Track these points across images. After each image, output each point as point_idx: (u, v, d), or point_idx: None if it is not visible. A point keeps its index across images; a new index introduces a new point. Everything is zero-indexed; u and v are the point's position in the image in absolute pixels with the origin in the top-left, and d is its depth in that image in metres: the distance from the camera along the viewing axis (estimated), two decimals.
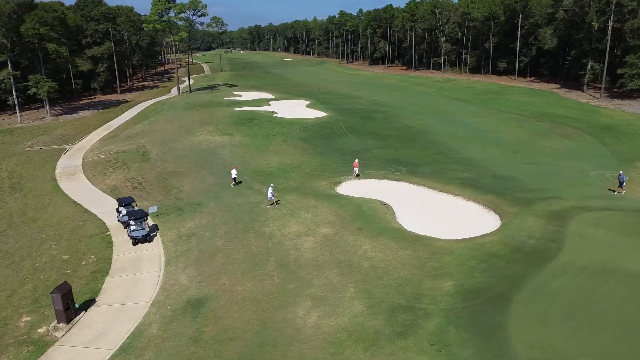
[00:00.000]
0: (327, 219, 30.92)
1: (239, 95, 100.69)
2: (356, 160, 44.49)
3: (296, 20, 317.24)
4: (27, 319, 23.29)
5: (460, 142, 59.60)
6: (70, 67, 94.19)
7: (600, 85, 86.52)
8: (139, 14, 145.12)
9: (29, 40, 78.71)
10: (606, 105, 78.11)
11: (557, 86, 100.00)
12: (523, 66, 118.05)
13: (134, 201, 35.02)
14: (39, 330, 22.30)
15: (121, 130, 71.05)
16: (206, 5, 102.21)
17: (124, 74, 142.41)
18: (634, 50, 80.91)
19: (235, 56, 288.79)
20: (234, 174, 41.00)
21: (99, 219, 35.61)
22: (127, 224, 31.61)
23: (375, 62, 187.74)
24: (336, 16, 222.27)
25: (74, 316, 22.87)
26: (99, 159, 53.93)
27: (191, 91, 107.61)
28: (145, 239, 30.86)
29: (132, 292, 25.11)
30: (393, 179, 42.95)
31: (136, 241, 30.63)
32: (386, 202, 36.11)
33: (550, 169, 47.05)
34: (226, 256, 27.41)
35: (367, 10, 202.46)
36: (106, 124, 76.79)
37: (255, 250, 27.60)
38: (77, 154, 58.05)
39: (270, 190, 34.06)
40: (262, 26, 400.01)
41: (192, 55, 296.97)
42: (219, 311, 22.49)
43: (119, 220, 34.06)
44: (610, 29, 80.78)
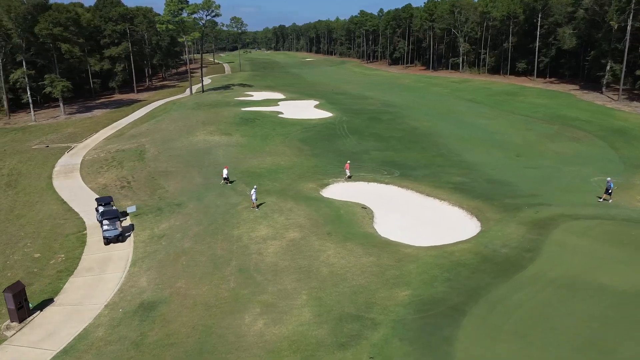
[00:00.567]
0: (299, 222, 30.35)
1: (250, 95, 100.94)
2: (348, 162, 43.80)
3: (319, 20, 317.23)
4: None
5: (464, 145, 58.08)
6: (89, 67, 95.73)
7: (620, 87, 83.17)
8: (159, 14, 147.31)
9: (43, 40, 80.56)
10: (623, 107, 74.97)
11: (576, 87, 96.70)
12: (543, 67, 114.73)
13: (112, 200, 35.14)
14: None
15: (127, 129, 71.99)
16: (219, 6, 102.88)
17: (142, 73, 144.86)
18: None
19: (258, 56, 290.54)
20: (225, 173, 40.97)
21: (80, 217, 35.92)
22: (101, 224, 31.73)
23: (395, 62, 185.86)
24: (357, 16, 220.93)
25: (27, 315, 22.94)
26: (98, 157, 54.66)
27: (204, 91, 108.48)
28: (118, 239, 30.89)
29: (91, 293, 25.08)
30: (382, 182, 42.06)
31: (108, 241, 30.69)
32: (367, 206, 35.31)
33: (551, 174, 45.28)
34: (190, 259, 27.14)
35: (387, 10, 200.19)
36: (115, 123, 77.94)
37: (219, 254, 27.25)
38: (80, 152, 58.99)
39: (253, 192, 33.61)
40: (286, 26, 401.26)
41: (215, 55, 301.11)
42: (168, 315, 22.20)
43: (98, 220, 34.26)
44: (629, 28, 77.51)
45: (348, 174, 42.78)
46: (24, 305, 22.73)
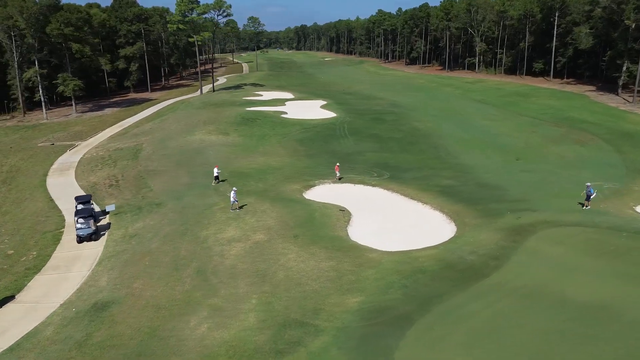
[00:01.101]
0: (268, 224, 30.05)
1: (259, 95, 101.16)
2: (337, 164, 43.30)
3: (339, 19, 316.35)
4: None
5: (463, 147, 56.92)
6: (105, 66, 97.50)
7: (635, 88, 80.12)
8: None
9: (54, 40, 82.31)
10: (637, 110, 72.22)
11: (593, 88, 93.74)
12: (560, 67, 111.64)
13: (90, 198, 35.47)
14: None
15: (132, 128, 72.96)
16: (230, 6, 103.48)
17: (159, 73, 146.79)
18: None
19: (278, 56, 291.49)
20: (215, 172, 41.05)
21: (62, 215, 36.40)
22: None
23: (413, 62, 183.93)
24: (376, 15, 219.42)
25: None
26: (96, 155, 55.47)
27: (214, 90, 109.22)
28: (91, 237, 31.14)
29: (51, 291, 25.29)
30: (369, 184, 41.46)
31: (81, 239, 30.96)
32: (345, 208, 34.77)
33: (545, 178, 43.87)
34: (153, 259, 27.13)
35: (405, 9, 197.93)
36: (121, 122, 79.12)
37: (182, 255, 27.16)
38: (81, 151, 59.99)
39: (232, 194, 33.26)
40: (308, 26, 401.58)
41: (236, 54, 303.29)
42: (118, 316, 22.16)
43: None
44: None
45: (338, 175, 42.33)
46: None
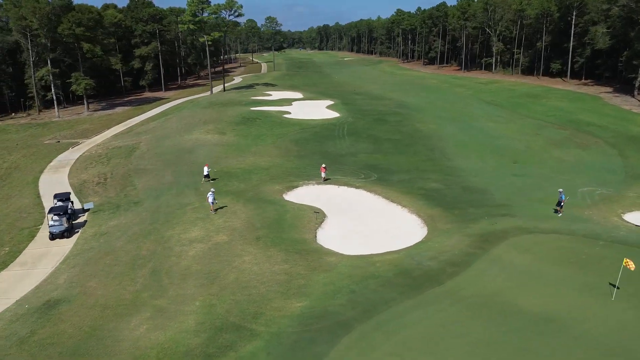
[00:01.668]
0: (234, 225, 29.94)
1: (268, 95, 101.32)
2: (323, 165, 42.93)
3: (361, 19, 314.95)
4: None
5: (461, 149, 55.79)
6: (115, 65, 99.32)
7: None
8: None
9: (66, 40, 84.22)
10: None
11: (610, 90, 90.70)
12: (577, 67, 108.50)
13: (68, 196, 36.00)
14: None
15: (137, 126, 74.03)
16: (241, 6, 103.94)
17: (175, 72, 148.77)
18: None
19: (299, 55, 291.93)
20: (205, 171, 41.27)
21: (43, 212, 37.05)
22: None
23: (431, 61, 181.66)
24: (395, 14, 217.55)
25: None
26: (94, 153, 56.44)
27: (225, 90, 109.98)
28: (63, 234, 31.61)
29: (12, 287, 25.75)
30: (353, 186, 40.91)
31: (53, 236, 31.48)
32: (320, 210, 34.39)
33: (536, 183, 42.60)
34: (114, 258, 27.33)
35: (425, 8, 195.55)
36: (128, 120, 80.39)
37: (142, 254, 27.28)
38: (82, 148, 61.17)
39: (210, 195, 32.74)
40: (330, 26, 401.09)
41: (257, 54, 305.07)
42: (65, 314, 22.37)
43: None
44: None
45: (324, 176, 41.94)
46: None
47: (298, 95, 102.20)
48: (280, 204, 35.21)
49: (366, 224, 32.95)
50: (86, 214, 35.90)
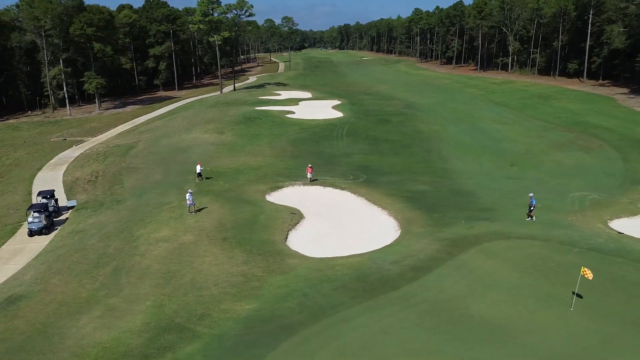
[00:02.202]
0: (204, 225, 29.97)
1: (277, 95, 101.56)
2: (309, 165, 42.71)
3: (381, 18, 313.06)
4: None
5: (459, 151, 54.87)
6: (125, 65, 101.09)
7: None
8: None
9: (77, 40, 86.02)
10: None
11: (626, 91, 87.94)
12: (595, 68, 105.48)
13: (51, 193, 36.60)
14: None
15: (142, 125, 75.09)
16: (252, 6, 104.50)
17: (190, 71, 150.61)
18: None
19: (317, 55, 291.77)
20: (198, 169, 41.58)
21: None
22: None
23: (449, 61, 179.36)
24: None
25: None
26: (94, 151, 57.43)
27: (235, 90, 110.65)
28: (42, 231, 32.19)
29: None
30: (339, 188, 40.57)
31: (32, 233, 32.09)
32: (297, 211, 34.23)
33: (528, 186, 41.25)
34: (82, 256, 27.66)
35: (442, 7, 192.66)
36: (136, 119, 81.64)
37: (109, 252, 27.53)
38: (85, 146, 62.36)
39: (188, 196, 32.29)
40: (351, 25, 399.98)
41: (277, 54, 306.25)
42: (22, 310, 22.71)
43: None
44: None
45: (309, 177, 41.72)
46: None
47: (307, 95, 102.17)
48: (258, 204, 35.12)
49: (341, 226, 32.62)
50: (69, 211, 36.48)
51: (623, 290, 22.40)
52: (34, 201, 39.68)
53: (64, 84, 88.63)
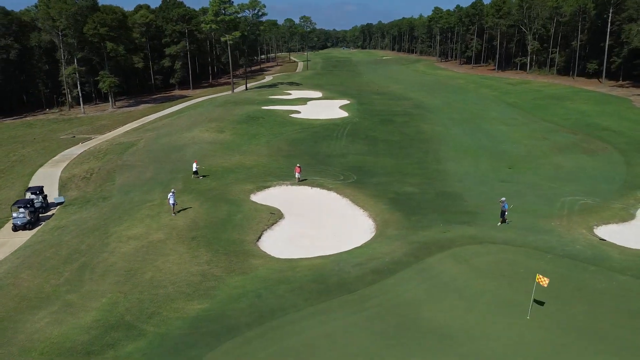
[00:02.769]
0: (177, 224, 30.18)
1: (288, 94, 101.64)
2: (298, 165, 42.61)
3: (403, 17, 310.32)
4: None
5: (458, 153, 53.89)
6: (138, 64, 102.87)
7: None
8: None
9: (91, 39, 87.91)
10: None
11: None
12: (614, 68, 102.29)
13: (39, 189, 37.40)
14: None
15: (150, 123, 76.19)
16: (264, 5, 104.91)
17: (207, 71, 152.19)
18: None
19: (337, 54, 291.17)
20: (194, 167, 42.03)
21: None
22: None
23: (468, 61, 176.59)
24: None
25: None
26: (97, 149, 58.55)
27: (247, 89, 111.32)
28: (25, 226, 32.97)
29: None
30: (326, 188, 40.32)
31: (16, 228, 32.93)
32: (277, 211, 34.22)
33: (520, 190, 40.48)
34: (55, 251, 28.21)
35: (462, 6, 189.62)
36: (146, 117, 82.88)
37: (81, 249, 28.00)
38: (91, 144, 63.64)
39: (170, 196, 31.94)
40: (373, 24, 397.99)
41: (297, 53, 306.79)
42: None
43: None
44: None
45: (298, 177, 41.62)
46: None
47: (318, 94, 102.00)
48: (239, 204, 35.18)
49: (318, 227, 32.43)
50: (57, 207, 37.27)
51: (587, 299, 21.62)
52: (27, 197, 40.67)
53: (77, 82, 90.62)
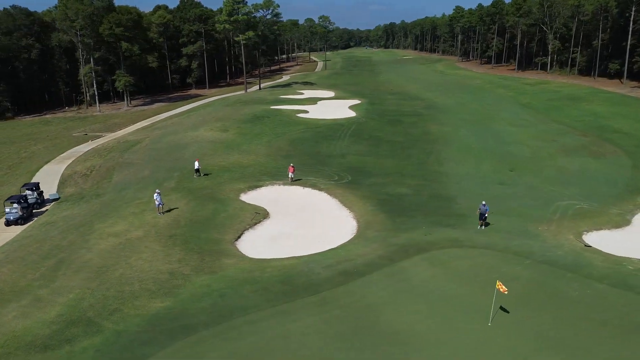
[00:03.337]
0: (158, 222, 30.43)
1: (300, 94, 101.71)
2: (291, 164, 42.51)
3: (426, 17, 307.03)
4: None
5: (461, 154, 52.89)
6: (152, 64, 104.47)
7: None
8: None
9: (107, 39, 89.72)
10: None
11: None
12: (637, 68, 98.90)
13: (34, 186, 38.26)
14: None
15: (160, 122, 77.27)
16: (278, 5, 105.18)
17: (224, 70, 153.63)
18: None
19: (358, 54, 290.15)
20: (196, 165, 42.50)
21: None
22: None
23: (489, 60, 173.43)
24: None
25: None
26: (104, 146, 59.66)
27: (260, 89, 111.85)
28: (17, 222, 33.78)
29: None
30: (318, 188, 40.09)
31: (8, 223, 33.77)
32: (263, 211, 34.22)
33: (516, 193, 39.55)
34: (38, 247, 28.78)
35: (481, 5, 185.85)
36: (157, 116, 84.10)
37: (62, 245, 28.48)
38: (99, 141, 64.90)
39: (156, 196, 31.82)
40: (396, 24, 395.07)
41: (318, 53, 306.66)
42: None
43: None
44: None
45: (291, 176, 41.52)
46: None
47: (330, 94, 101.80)
48: (226, 202, 35.27)
49: (301, 227, 32.27)
50: (52, 203, 38.08)
51: (557, 307, 20.90)
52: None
53: (94, 81, 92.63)
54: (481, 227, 30.18)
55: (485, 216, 29.81)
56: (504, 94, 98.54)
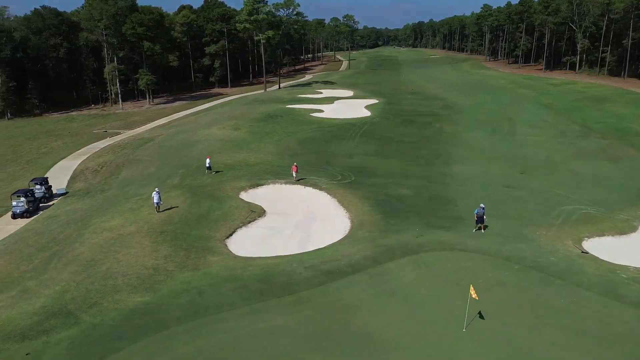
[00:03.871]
0: (153, 218, 30.92)
1: (319, 93, 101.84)
2: (295, 164, 42.58)
3: (454, 15, 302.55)
4: None
5: (471, 155, 51.90)
6: (172, 63, 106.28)
7: None
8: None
9: (129, 39, 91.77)
10: None
11: None
12: None
13: (42, 180, 39.44)
14: None
15: (177, 120, 78.67)
16: (299, 4, 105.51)
17: (248, 70, 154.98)
18: None
19: (384, 53, 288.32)
20: (207, 162, 43.22)
21: None
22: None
23: (517, 60, 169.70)
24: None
25: None
26: (119, 143, 61.11)
27: (280, 88, 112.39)
28: (23, 215, 34.93)
29: None
30: (318, 188, 40.01)
31: (14, 215, 34.95)
32: (258, 209, 34.38)
33: (520, 197, 38.45)
34: (37, 240, 29.69)
35: (510, 3, 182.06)
36: (176, 114, 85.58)
37: (58, 238, 29.30)
38: (116, 138, 66.49)
39: (154, 195, 31.92)
40: (424, 23, 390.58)
41: (343, 53, 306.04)
42: None
43: None
44: None
45: (294, 175, 41.61)
46: None
47: (349, 93, 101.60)
48: (224, 200, 35.55)
49: (294, 227, 32.26)
50: (59, 197, 39.21)
51: (538, 314, 20.27)
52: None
53: (117, 80, 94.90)
54: (478, 230, 29.53)
55: (484, 219, 29.16)
56: (525, 94, 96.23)
